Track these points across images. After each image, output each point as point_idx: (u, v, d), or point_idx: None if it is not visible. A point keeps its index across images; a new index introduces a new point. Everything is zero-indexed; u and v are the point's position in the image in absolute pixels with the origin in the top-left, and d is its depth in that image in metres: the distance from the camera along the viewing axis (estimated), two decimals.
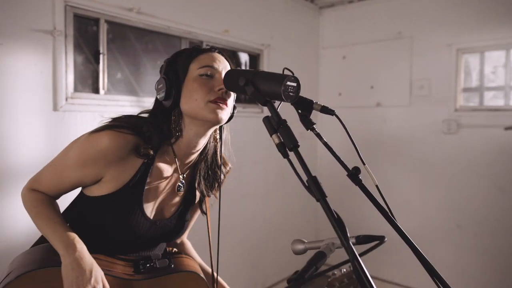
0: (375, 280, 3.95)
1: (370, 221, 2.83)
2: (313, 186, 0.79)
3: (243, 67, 3.42)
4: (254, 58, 3.43)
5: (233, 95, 1.10)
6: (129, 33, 2.48)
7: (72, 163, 1.05)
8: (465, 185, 3.25)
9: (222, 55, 1.13)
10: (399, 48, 3.56)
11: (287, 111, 1.14)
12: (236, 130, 3.43)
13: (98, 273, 0.96)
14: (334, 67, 4.00)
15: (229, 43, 3.11)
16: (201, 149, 1.15)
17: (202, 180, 1.19)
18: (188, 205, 1.22)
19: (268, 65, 3.42)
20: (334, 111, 1.02)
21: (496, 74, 3.22)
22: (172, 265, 1.15)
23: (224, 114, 1.06)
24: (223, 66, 1.09)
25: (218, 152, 1.19)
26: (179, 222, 1.19)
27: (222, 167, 1.22)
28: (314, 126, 1.01)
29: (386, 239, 0.86)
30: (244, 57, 3.41)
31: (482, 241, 3.19)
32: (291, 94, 0.89)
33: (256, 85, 0.91)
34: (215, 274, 1.26)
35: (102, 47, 2.30)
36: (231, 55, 3.31)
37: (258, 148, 3.26)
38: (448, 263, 3.33)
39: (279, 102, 0.95)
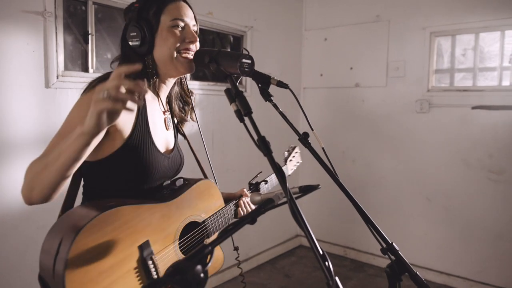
0: (351, 251, 4.23)
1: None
2: (262, 144, 0.97)
3: (228, 49, 3.56)
4: (238, 40, 3.57)
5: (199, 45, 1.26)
6: (116, 15, 2.61)
7: (76, 122, 1.03)
8: (435, 160, 3.48)
9: (186, 2, 1.28)
10: (377, 31, 3.73)
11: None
12: (219, 107, 3.61)
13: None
14: (316, 48, 4.16)
15: (213, 25, 3.25)
16: (171, 85, 1.34)
17: (176, 105, 1.38)
18: (177, 138, 1.41)
19: (251, 47, 3.57)
20: (288, 85, 1.19)
21: (466, 56, 3.41)
22: (187, 182, 1.33)
23: (193, 64, 1.22)
24: (190, 16, 1.25)
25: (183, 82, 1.40)
26: (181, 154, 1.38)
27: (190, 93, 1.41)
28: (272, 98, 1.18)
29: (320, 186, 1.04)
30: (229, 38, 3.56)
31: (450, 213, 3.44)
32: (246, 69, 1.07)
33: (218, 62, 1.09)
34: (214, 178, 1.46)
35: (91, 28, 2.44)
36: (216, 36, 3.45)
37: (240, 124, 3.44)
38: (419, 234, 3.58)
39: (240, 76, 1.13)
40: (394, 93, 3.68)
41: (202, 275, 0.78)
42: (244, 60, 1.05)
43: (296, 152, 1.92)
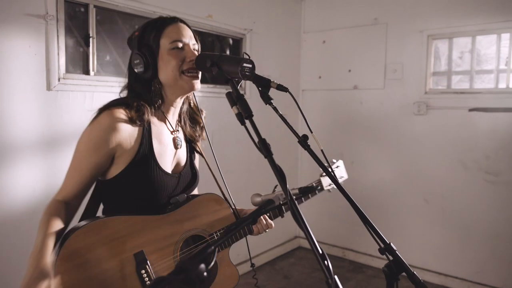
0: (350, 252, 4.25)
1: None
2: (262, 146, 1.00)
3: (227, 51, 3.59)
4: (237, 43, 3.60)
5: None
6: (117, 18, 2.64)
7: (85, 152, 1.17)
8: (433, 162, 3.51)
9: (184, 23, 1.31)
10: (375, 33, 3.76)
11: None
12: (218, 111, 3.63)
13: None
14: (314, 51, 4.19)
15: (212, 28, 3.28)
16: (180, 105, 1.37)
17: (187, 125, 1.41)
18: (193, 155, 1.44)
19: (250, 49, 3.60)
20: (287, 88, 1.22)
21: (463, 59, 3.45)
22: (190, 197, 1.36)
23: (197, 82, 1.27)
24: (189, 35, 1.28)
25: (192, 101, 1.44)
26: (193, 171, 1.41)
27: (199, 112, 1.45)
28: (272, 101, 1.21)
29: (319, 188, 1.07)
30: (229, 41, 3.58)
31: (448, 214, 3.47)
32: (247, 73, 1.09)
33: (220, 66, 1.11)
34: (228, 199, 1.44)
35: (92, 31, 2.47)
36: (215, 39, 3.48)
37: (240, 127, 3.47)
38: (417, 235, 3.61)
39: (240, 80, 1.15)
40: (392, 95, 3.71)
41: (205, 274, 0.80)
42: (245, 65, 1.08)
43: (338, 167, 1.75)
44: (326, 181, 1.56)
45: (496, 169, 3.23)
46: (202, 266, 0.78)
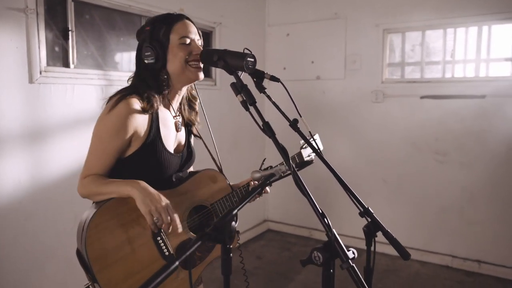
0: (316, 231, 4.52)
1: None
2: (267, 128, 1.19)
3: None
4: (207, 35, 3.73)
5: None
6: (94, 12, 2.69)
7: (109, 137, 1.32)
8: (389, 145, 3.86)
9: (189, 20, 1.48)
10: (335, 27, 4.03)
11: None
12: (204, 102, 3.71)
13: (163, 196, 1.30)
14: (279, 43, 4.40)
15: None
16: (184, 93, 1.54)
17: (186, 111, 1.59)
18: (190, 137, 1.61)
19: (219, 42, 3.74)
20: (279, 79, 1.41)
21: (414, 51, 3.80)
22: (192, 173, 1.55)
23: (201, 73, 1.45)
24: (194, 32, 1.46)
25: (193, 91, 1.62)
26: (189, 151, 1.58)
27: (194, 99, 1.63)
28: (265, 90, 1.39)
29: (313, 161, 1.28)
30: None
31: (403, 192, 3.84)
32: (250, 66, 1.27)
33: (226, 60, 1.28)
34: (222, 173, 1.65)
35: (71, 25, 2.52)
36: None
37: (212, 118, 3.62)
38: (376, 212, 3.92)
39: (241, 72, 1.33)
40: (352, 85, 4.01)
41: (235, 230, 0.99)
42: (248, 59, 1.26)
43: (316, 140, 1.89)
44: (305, 152, 1.81)
45: (444, 150, 3.62)
46: (234, 224, 0.96)
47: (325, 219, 1.09)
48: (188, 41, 1.41)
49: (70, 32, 2.51)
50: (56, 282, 2.49)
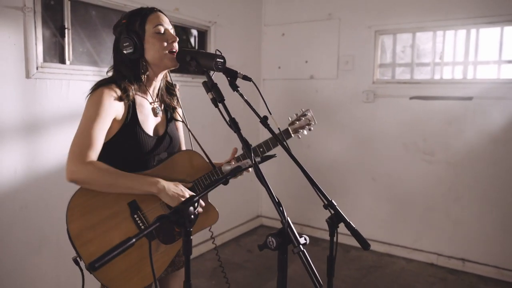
0: (307, 228, 4.64)
1: None
2: (232, 124, 1.29)
3: (192, 41, 3.82)
4: (202, 34, 3.83)
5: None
6: (90, 10, 2.81)
7: (99, 113, 1.40)
8: (379, 144, 3.94)
9: (162, 12, 1.60)
10: (329, 28, 4.12)
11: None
12: (186, 98, 3.84)
13: (183, 187, 1.49)
14: (274, 43, 4.50)
15: (179, 20, 3.50)
16: (160, 80, 1.64)
17: (164, 97, 1.68)
18: (170, 122, 1.69)
19: (215, 41, 3.84)
20: (251, 78, 1.50)
21: (405, 53, 3.88)
22: (171, 154, 1.64)
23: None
24: (167, 22, 1.58)
25: (168, 78, 1.71)
26: (172, 135, 1.67)
27: (173, 86, 1.72)
28: (238, 88, 1.49)
29: (276, 155, 1.38)
30: (194, 32, 3.81)
31: (391, 191, 3.92)
32: (219, 67, 1.37)
33: (197, 60, 1.38)
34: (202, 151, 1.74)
35: (67, 23, 2.63)
36: (181, 30, 3.70)
37: (206, 114, 3.72)
38: (365, 210, 4.04)
39: (213, 71, 1.43)
40: (344, 85, 4.09)
41: (192, 216, 1.09)
42: (218, 60, 1.36)
43: (306, 115, 1.97)
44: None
45: (432, 150, 3.70)
46: (191, 209, 1.07)
47: (281, 208, 1.19)
48: (162, 29, 1.52)
49: (66, 30, 2.63)
50: (50, 268, 2.62)
